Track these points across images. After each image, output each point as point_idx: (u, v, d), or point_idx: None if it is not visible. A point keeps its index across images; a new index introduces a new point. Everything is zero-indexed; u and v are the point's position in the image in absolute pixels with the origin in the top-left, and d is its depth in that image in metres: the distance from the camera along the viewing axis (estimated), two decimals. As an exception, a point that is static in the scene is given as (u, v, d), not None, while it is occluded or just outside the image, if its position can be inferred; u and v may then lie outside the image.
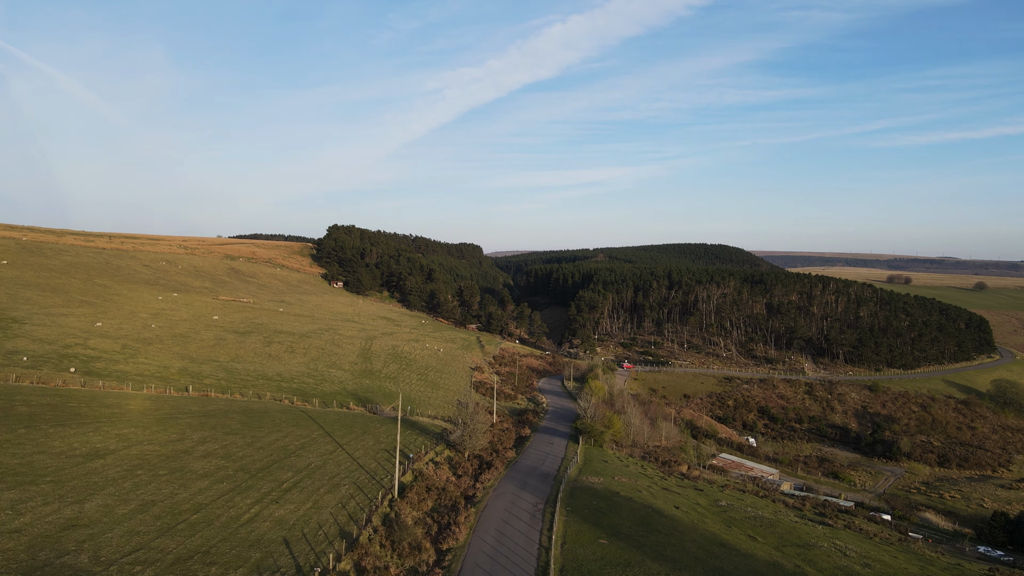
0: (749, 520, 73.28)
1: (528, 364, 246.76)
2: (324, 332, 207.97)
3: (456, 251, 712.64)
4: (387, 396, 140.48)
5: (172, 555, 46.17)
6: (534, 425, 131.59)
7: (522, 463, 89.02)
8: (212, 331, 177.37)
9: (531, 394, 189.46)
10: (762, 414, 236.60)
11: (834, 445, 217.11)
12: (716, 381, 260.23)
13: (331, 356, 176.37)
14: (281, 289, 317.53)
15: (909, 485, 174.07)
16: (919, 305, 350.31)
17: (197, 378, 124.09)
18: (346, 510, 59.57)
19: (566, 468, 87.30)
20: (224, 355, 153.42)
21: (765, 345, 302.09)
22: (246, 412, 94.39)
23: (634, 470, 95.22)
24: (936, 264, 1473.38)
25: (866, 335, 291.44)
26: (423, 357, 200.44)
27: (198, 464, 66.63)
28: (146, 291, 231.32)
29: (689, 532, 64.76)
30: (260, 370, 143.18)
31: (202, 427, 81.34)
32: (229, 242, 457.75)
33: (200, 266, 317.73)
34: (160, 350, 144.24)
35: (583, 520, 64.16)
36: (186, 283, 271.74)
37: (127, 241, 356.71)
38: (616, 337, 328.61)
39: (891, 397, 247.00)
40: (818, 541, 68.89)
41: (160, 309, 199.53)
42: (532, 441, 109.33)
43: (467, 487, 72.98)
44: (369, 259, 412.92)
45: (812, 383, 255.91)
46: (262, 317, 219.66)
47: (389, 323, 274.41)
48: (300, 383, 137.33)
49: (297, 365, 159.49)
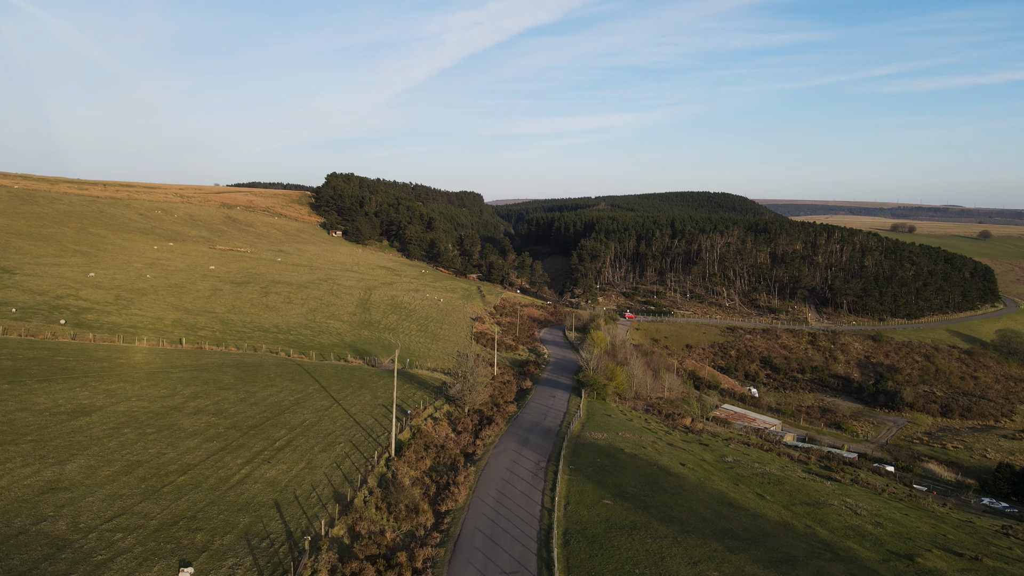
0: (757, 477, 71.34)
1: (529, 314, 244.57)
2: (323, 282, 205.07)
3: (457, 199, 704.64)
4: (386, 348, 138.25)
5: (156, 520, 43.90)
6: (535, 377, 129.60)
7: (523, 418, 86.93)
8: (208, 281, 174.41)
9: (532, 345, 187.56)
10: (764, 364, 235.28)
11: (836, 395, 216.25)
12: (719, 331, 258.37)
13: (329, 307, 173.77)
14: (279, 239, 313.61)
15: (912, 435, 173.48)
16: (924, 254, 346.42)
17: (191, 330, 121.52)
18: (341, 470, 57.30)
19: (568, 423, 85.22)
20: (220, 306, 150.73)
21: (768, 295, 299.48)
22: (240, 366, 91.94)
23: (638, 424, 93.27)
24: (940, 212, 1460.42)
25: (870, 284, 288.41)
26: (423, 308, 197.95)
27: (188, 422, 64.22)
28: (141, 240, 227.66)
29: (696, 491, 62.73)
30: (257, 321, 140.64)
31: (194, 382, 78.86)
32: (226, 191, 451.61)
33: (196, 215, 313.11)
34: (154, 301, 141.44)
35: (587, 479, 62.06)
36: (182, 232, 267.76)
37: (122, 189, 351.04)
38: (618, 287, 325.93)
39: (894, 347, 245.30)
40: (827, 499, 66.97)
41: (155, 259, 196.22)
42: (534, 394, 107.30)
43: (467, 444, 70.85)
44: (368, 208, 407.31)
45: (815, 333, 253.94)
46: (260, 267, 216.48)
47: (389, 273, 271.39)
48: (297, 335, 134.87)
49: (295, 316, 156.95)
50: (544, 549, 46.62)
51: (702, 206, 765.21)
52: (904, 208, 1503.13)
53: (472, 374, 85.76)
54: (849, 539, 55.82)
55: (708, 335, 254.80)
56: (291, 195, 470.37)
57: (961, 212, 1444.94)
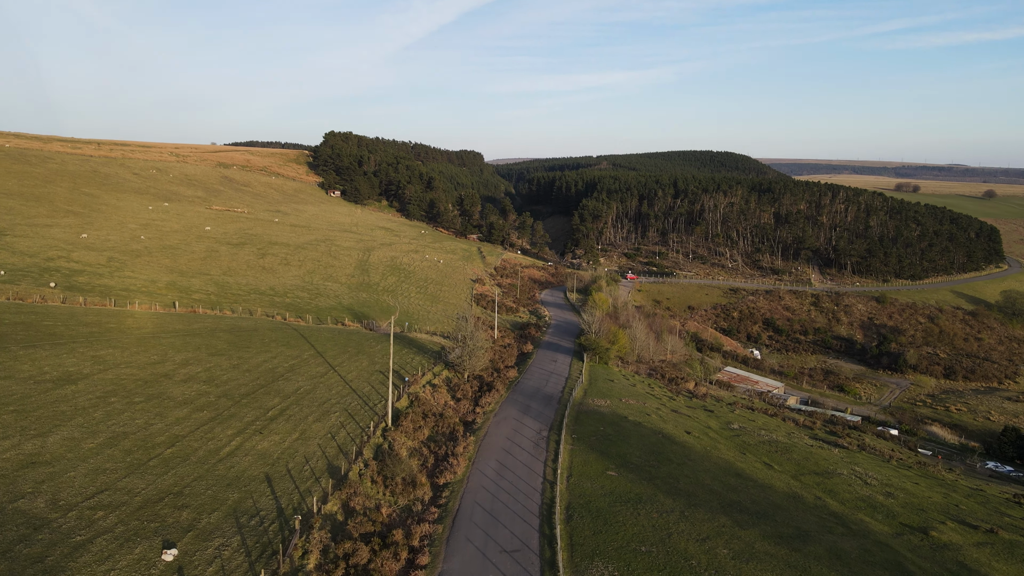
0: (764, 445, 69.54)
1: (530, 275, 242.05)
2: (320, 243, 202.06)
3: (457, 158, 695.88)
4: (384, 311, 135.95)
5: (140, 497, 41.91)
6: (536, 340, 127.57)
7: (524, 384, 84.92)
8: (204, 243, 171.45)
9: (533, 307, 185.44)
10: (767, 326, 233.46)
11: (839, 357, 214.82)
12: (721, 292, 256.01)
13: (327, 268, 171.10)
14: (276, 199, 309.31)
15: (915, 398, 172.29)
16: (929, 214, 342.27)
17: (186, 293, 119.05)
18: (335, 441, 55.27)
19: (571, 389, 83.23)
20: (216, 268, 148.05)
21: (772, 256, 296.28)
22: (234, 331, 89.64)
23: (641, 390, 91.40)
24: (945, 172, 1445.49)
25: (875, 245, 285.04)
26: (422, 269, 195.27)
27: (178, 390, 62.04)
28: (135, 200, 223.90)
29: (702, 461, 60.89)
30: (253, 284, 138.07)
31: (186, 347, 76.59)
32: (223, 150, 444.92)
33: (192, 174, 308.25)
34: (148, 263, 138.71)
35: (590, 449, 60.16)
36: (177, 192, 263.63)
37: (116, 148, 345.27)
38: (620, 247, 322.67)
39: (898, 308, 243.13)
40: (836, 468, 65.22)
41: (150, 219, 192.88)
42: (535, 358, 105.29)
43: (466, 412, 68.87)
44: (367, 167, 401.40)
45: (819, 294, 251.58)
46: (256, 228, 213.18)
47: (388, 233, 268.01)
48: (294, 297, 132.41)
49: (292, 278, 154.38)
50: (546, 525, 44.76)
51: (705, 165, 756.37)
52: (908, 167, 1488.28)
53: (472, 339, 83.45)
54: (861, 511, 54.08)
55: (710, 296, 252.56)
56: (289, 154, 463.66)
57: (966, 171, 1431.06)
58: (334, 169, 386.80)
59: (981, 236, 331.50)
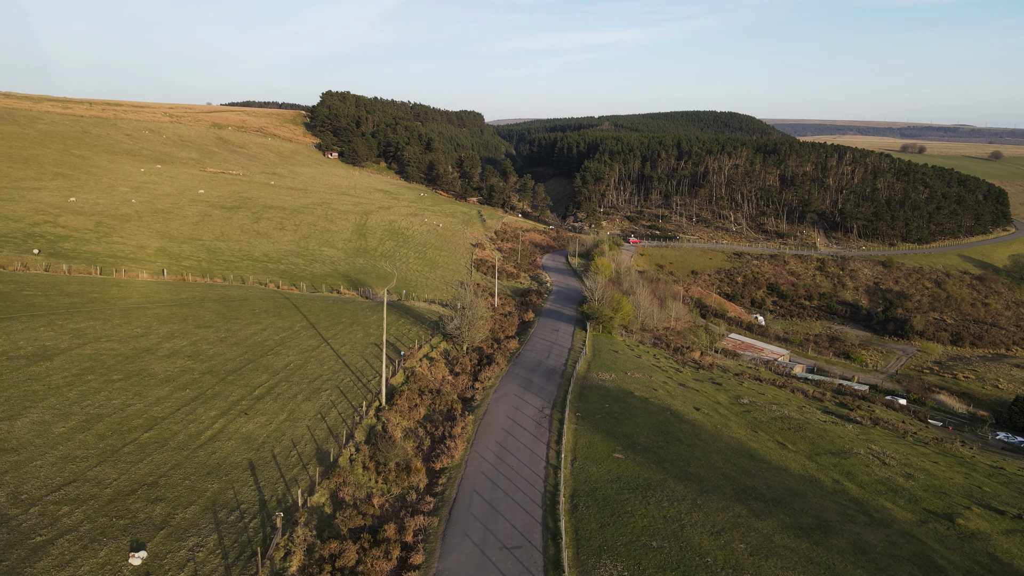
0: (776, 422, 66.50)
1: (531, 239, 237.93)
2: (317, 207, 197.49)
3: (457, 119, 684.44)
4: (382, 278, 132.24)
5: (111, 489, 38.75)
6: (538, 308, 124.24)
7: (526, 355, 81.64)
8: (197, 206, 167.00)
9: (534, 272, 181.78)
10: (771, 291, 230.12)
11: (844, 323, 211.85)
12: (725, 256, 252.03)
13: (324, 233, 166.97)
14: (272, 160, 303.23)
15: (922, 365, 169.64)
16: (937, 176, 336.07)
17: (175, 260, 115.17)
18: (326, 422, 52.02)
19: (574, 362, 79.97)
20: (208, 233, 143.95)
21: (777, 219, 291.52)
22: (224, 300, 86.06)
23: (646, 361, 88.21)
24: (950, 132, 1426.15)
25: (882, 208, 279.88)
26: (421, 233, 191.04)
27: (160, 366, 58.66)
28: (127, 162, 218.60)
29: (713, 441, 57.82)
30: (246, 250, 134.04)
31: (171, 319, 73.08)
32: (218, 110, 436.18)
33: (186, 135, 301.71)
34: (138, 228, 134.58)
35: (595, 428, 57.04)
36: (171, 154, 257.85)
37: (108, 108, 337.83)
38: (622, 210, 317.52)
39: (904, 273, 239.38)
40: (852, 446, 62.24)
41: (142, 182, 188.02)
42: (536, 327, 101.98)
43: (465, 388, 65.68)
44: (365, 128, 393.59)
45: (824, 259, 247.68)
46: (251, 191, 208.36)
47: (386, 196, 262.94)
48: (288, 264, 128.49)
49: (287, 243, 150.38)
50: (550, 517, 41.72)
51: (708, 126, 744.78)
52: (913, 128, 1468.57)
53: (471, 309, 79.92)
54: (881, 496, 51.12)
55: (714, 261, 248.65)
56: (285, 115, 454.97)
57: (971, 132, 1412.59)
58: (331, 130, 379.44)
59: (988, 199, 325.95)
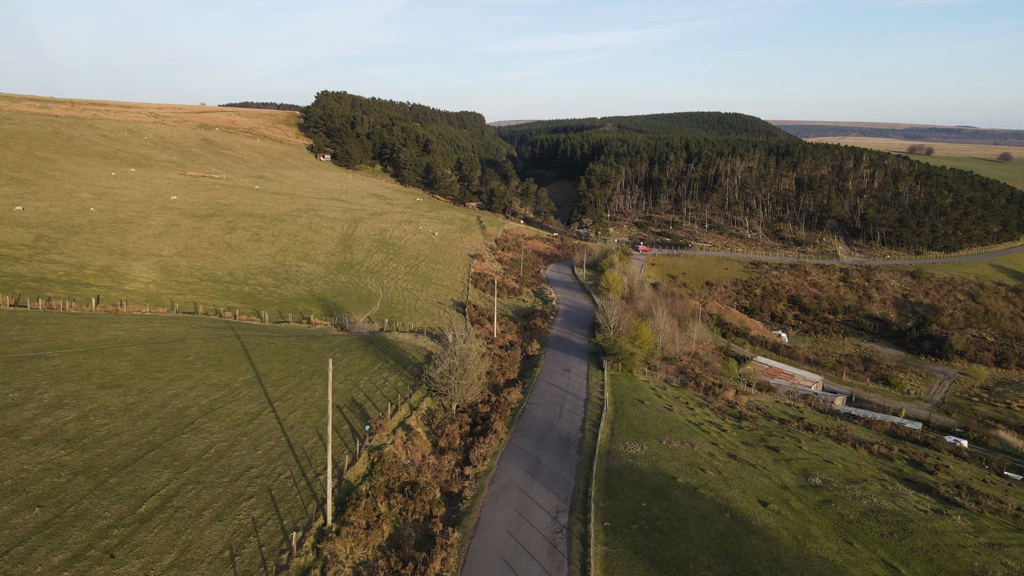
0: (868, 521, 49.80)
1: (534, 248, 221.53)
2: (302, 214, 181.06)
3: (457, 120, 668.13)
4: (364, 299, 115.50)
5: None
6: (544, 335, 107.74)
7: (531, 414, 64.93)
8: (164, 215, 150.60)
9: (538, 286, 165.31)
10: (792, 304, 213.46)
11: (874, 340, 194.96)
12: (741, 266, 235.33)
13: (305, 245, 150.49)
14: (260, 163, 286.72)
15: (968, 391, 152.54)
16: (958, 179, 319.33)
17: (117, 282, 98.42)
18: (235, 568, 34.88)
19: (594, 423, 63.28)
20: (169, 247, 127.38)
21: (794, 225, 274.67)
22: (153, 342, 69.26)
23: (681, 416, 71.43)
24: (955, 133, 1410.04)
25: (907, 214, 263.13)
26: (414, 243, 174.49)
27: (15, 461, 41.22)
28: (98, 165, 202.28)
29: (801, 570, 41.03)
30: (209, 267, 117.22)
31: (70, 375, 56.05)
32: (207, 110, 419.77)
33: (168, 136, 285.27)
34: (86, 242, 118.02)
35: (633, 553, 40.39)
36: (149, 156, 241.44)
37: (90, 108, 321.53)
38: (630, 216, 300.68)
39: (935, 284, 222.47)
40: (983, 562, 45.50)
41: (109, 187, 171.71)
42: (543, 365, 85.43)
43: (451, 474, 49.12)
44: (360, 129, 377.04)
45: (847, 268, 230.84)
46: (232, 196, 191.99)
47: (380, 201, 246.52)
48: (255, 284, 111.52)
49: (260, 258, 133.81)
50: None
51: (713, 127, 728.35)
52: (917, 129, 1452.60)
53: (463, 355, 63.04)
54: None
55: (730, 271, 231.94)
56: (278, 115, 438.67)
57: (976, 133, 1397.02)
58: (324, 131, 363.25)
59: (1012, 202, 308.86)
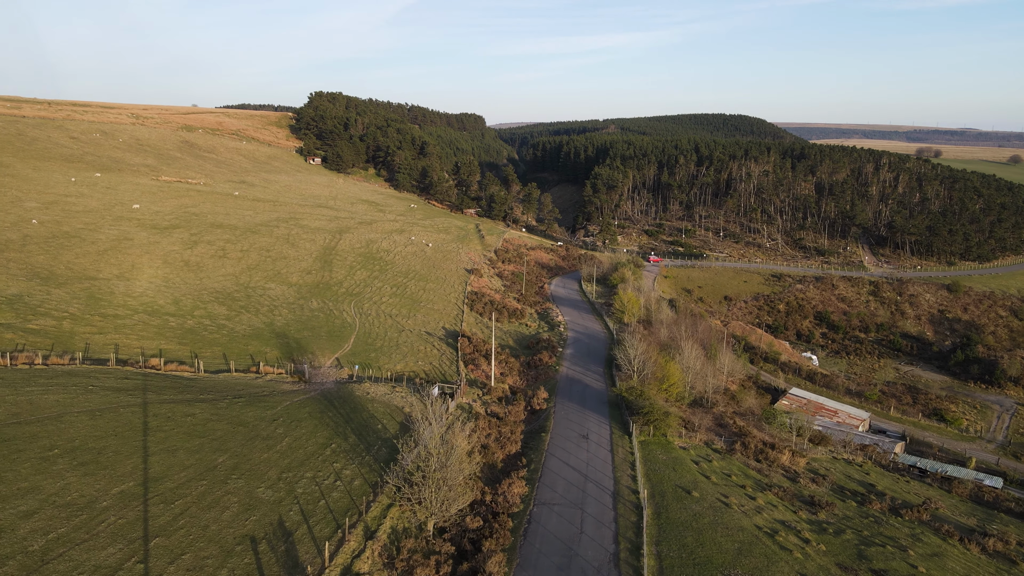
0: None
1: (537, 259, 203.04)
2: (281, 223, 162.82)
3: (456, 122, 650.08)
4: (336, 333, 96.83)
5: None
6: (551, 376, 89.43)
7: (541, 529, 46.14)
8: (118, 227, 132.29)
9: (543, 306, 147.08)
10: (819, 321, 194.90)
11: (912, 362, 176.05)
12: (762, 279, 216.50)
13: (277, 261, 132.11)
14: (244, 167, 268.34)
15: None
16: (985, 183, 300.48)
17: (22, 317, 79.62)
18: None
19: (631, 547, 44.58)
20: (111, 267, 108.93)
21: (816, 233, 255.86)
22: (12, 421, 50.17)
23: (745, 521, 52.77)
24: (958, 136, 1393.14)
25: (938, 221, 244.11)
26: (405, 257, 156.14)
27: None
28: (59, 170, 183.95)
29: None
30: (152, 294, 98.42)
31: None
32: (194, 111, 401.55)
33: (145, 138, 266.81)
34: (4, 264, 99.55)
35: None
36: (121, 160, 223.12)
37: (65, 108, 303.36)
38: (639, 223, 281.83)
39: (973, 299, 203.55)
40: None
41: (62, 195, 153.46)
42: (553, 429, 67.03)
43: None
44: (354, 131, 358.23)
45: (877, 281, 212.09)
46: (205, 204, 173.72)
47: (371, 208, 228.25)
48: (202, 317, 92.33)
49: (221, 278, 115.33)
50: None
51: (718, 129, 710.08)
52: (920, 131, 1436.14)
53: (442, 465, 43.98)
54: None
55: (750, 284, 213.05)
56: (270, 116, 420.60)
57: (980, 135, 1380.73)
58: (315, 133, 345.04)
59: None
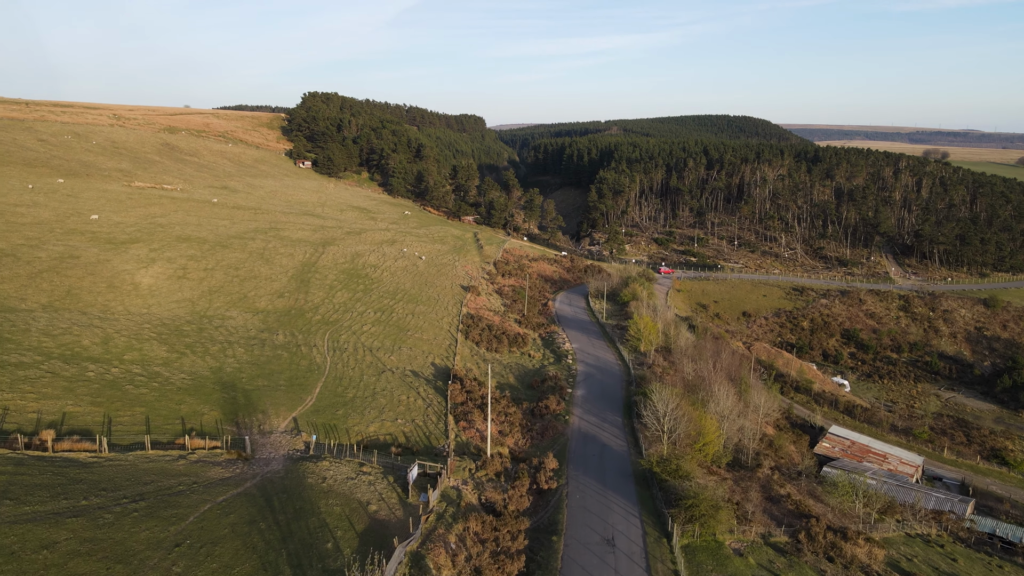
0: None
1: (540, 272, 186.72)
2: (258, 235, 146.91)
3: (456, 123, 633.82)
4: (299, 380, 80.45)
5: None
6: (561, 432, 73.43)
7: None
8: (64, 243, 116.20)
9: (547, 329, 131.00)
10: (847, 339, 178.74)
11: (953, 387, 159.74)
12: (783, 293, 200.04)
13: (246, 282, 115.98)
14: (228, 171, 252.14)
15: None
16: (1009, 187, 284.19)
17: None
18: None
19: None
20: (35, 297, 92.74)
21: (836, 242, 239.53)
22: None
23: None
24: (961, 137, 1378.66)
25: (969, 229, 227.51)
26: (394, 273, 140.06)
27: None
28: (17, 175, 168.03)
29: None
30: (73, 336, 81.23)
31: None
32: (180, 112, 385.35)
33: (122, 141, 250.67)
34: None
35: None
36: (91, 164, 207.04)
37: (42, 108, 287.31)
38: (647, 231, 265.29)
39: (1013, 315, 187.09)
40: None
41: (11, 205, 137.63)
42: (566, 530, 51.18)
43: None
44: (347, 132, 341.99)
45: (907, 295, 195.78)
46: (176, 213, 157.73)
47: (361, 215, 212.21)
48: (130, 365, 75.18)
49: (173, 305, 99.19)
50: None
51: (723, 130, 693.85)
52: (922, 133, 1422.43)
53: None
54: None
55: (770, 299, 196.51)
56: (261, 118, 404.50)
57: (982, 137, 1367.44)
58: (306, 135, 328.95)
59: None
